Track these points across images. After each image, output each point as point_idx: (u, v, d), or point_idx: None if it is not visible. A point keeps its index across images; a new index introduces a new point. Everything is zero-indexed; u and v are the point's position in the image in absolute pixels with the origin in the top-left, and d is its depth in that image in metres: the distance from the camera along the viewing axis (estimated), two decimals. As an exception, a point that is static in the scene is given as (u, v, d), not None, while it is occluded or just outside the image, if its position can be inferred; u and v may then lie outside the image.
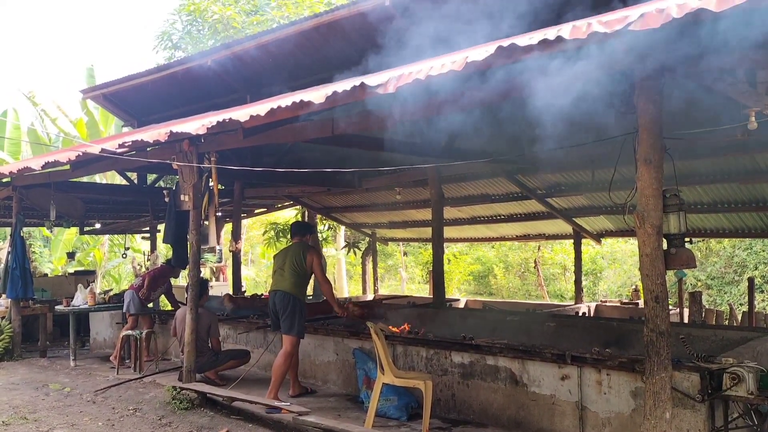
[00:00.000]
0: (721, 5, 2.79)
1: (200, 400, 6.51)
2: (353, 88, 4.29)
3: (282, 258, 6.79)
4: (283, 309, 6.52)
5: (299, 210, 14.86)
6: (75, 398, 7.02)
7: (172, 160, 6.86)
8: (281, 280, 6.64)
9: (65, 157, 7.34)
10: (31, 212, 10.80)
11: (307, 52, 7.17)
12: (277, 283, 6.68)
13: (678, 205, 4.07)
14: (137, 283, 8.90)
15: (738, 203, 8.86)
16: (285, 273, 6.64)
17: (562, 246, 19.44)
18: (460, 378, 5.89)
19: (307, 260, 6.67)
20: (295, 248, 6.82)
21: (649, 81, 3.81)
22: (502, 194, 10.97)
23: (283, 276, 6.63)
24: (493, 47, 3.58)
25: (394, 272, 23.81)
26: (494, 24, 4.86)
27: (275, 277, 6.76)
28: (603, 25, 3.16)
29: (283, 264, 6.69)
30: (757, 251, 15.94)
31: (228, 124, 5.46)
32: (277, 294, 6.60)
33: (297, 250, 6.77)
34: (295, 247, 6.85)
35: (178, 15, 16.41)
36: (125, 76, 9.25)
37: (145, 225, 13.11)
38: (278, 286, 6.63)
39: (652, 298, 3.85)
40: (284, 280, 6.61)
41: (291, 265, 6.63)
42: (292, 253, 6.75)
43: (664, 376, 3.81)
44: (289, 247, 6.97)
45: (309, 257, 6.68)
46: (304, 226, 7.64)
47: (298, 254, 6.70)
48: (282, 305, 6.53)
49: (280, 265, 6.74)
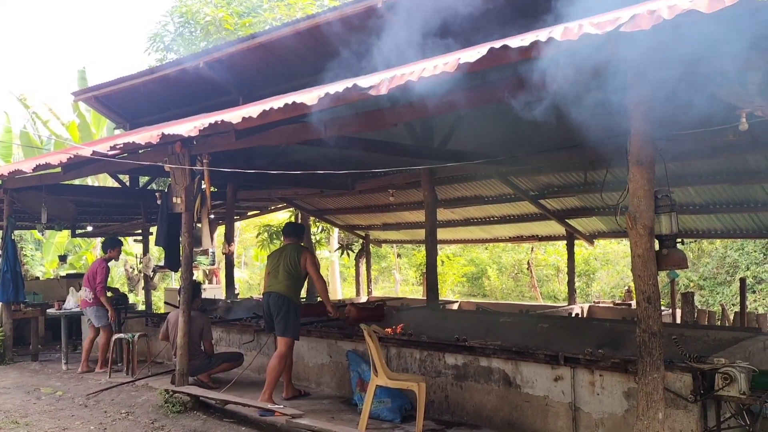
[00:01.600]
0: (711, 7, 2.80)
1: (193, 403, 6.48)
2: (346, 89, 4.29)
3: (276, 259, 6.76)
4: (277, 311, 6.50)
5: (292, 212, 14.85)
6: (67, 402, 6.97)
7: (164, 163, 6.84)
8: (275, 281, 6.62)
9: (57, 159, 7.30)
10: (22, 215, 10.74)
11: (300, 53, 7.16)
12: (271, 285, 6.66)
13: (670, 206, 4.09)
14: (89, 297, 8.60)
15: (730, 204, 8.89)
16: (279, 275, 6.62)
17: (555, 247, 19.47)
18: (454, 379, 5.89)
19: (302, 261, 6.66)
20: (289, 250, 6.79)
21: (640, 82, 3.82)
22: (495, 196, 10.99)
23: (277, 278, 6.62)
24: (485, 49, 3.59)
25: (387, 274, 23.80)
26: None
27: (269, 279, 6.74)
28: (594, 27, 3.17)
29: (277, 265, 6.67)
30: (749, 252, 16.01)
31: (220, 126, 5.45)
32: (271, 296, 6.58)
33: (291, 251, 6.75)
34: (289, 248, 6.83)
35: (170, 17, 16.37)
36: (117, 79, 9.21)
37: (137, 228, 13.05)
38: (272, 287, 6.61)
39: (645, 298, 3.85)
40: (278, 281, 6.59)
41: (285, 266, 6.62)
42: (287, 254, 6.72)
43: (657, 376, 3.82)
44: (283, 249, 6.93)
45: (303, 258, 6.68)
46: (298, 227, 7.62)
47: (293, 256, 6.68)
48: (276, 307, 6.51)
49: (274, 266, 6.71)
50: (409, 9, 5.65)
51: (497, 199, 11.02)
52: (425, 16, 5.33)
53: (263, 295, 6.78)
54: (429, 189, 9.25)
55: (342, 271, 21.94)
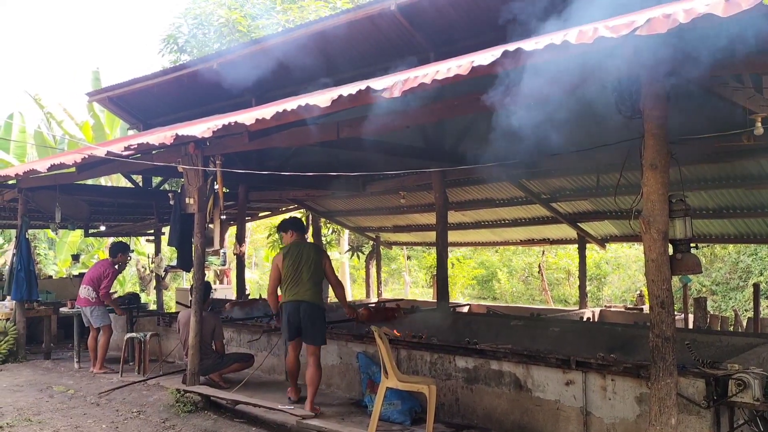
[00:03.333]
0: (728, 10, 2.79)
1: (204, 403, 6.51)
2: (359, 92, 4.30)
3: (295, 262, 6.38)
4: (311, 321, 6.24)
5: (303, 213, 14.88)
6: (79, 400, 7.02)
7: (177, 163, 6.88)
8: (302, 289, 6.31)
9: (71, 159, 7.36)
10: (36, 214, 10.83)
11: (313, 55, 7.18)
12: (298, 293, 6.32)
13: (684, 211, 4.07)
14: (91, 296, 8.51)
15: (743, 209, 8.83)
16: (304, 281, 6.31)
17: (567, 251, 19.41)
18: (464, 382, 5.88)
19: (326, 267, 6.45)
20: (307, 251, 6.47)
21: (655, 86, 3.80)
22: (507, 198, 10.97)
23: (303, 284, 6.31)
24: (499, 51, 3.58)
25: (397, 276, 23.79)
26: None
27: (292, 285, 6.35)
28: (609, 30, 3.15)
29: (299, 270, 6.34)
30: (762, 257, 15.88)
31: (234, 128, 5.47)
32: (302, 305, 6.27)
33: (311, 253, 6.44)
34: (306, 250, 6.50)
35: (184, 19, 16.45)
36: (131, 80, 9.28)
37: (149, 228, 13.13)
38: (300, 296, 6.30)
39: (658, 303, 3.83)
40: (306, 289, 6.29)
41: (310, 271, 6.33)
42: (307, 257, 6.39)
43: (670, 381, 3.79)
44: (299, 250, 6.48)
45: (325, 262, 6.48)
46: (298, 220, 7.21)
47: (316, 260, 6.40)
48: (310, 318, 6.24)
49: (294, 270, 6.35)
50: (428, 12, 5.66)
51: (508, 201, 11.00)
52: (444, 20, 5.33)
53: (290, 303, 6.36)
54: (440, 191, 9.24)
55: (352, 272, 21.96)
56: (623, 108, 4.07)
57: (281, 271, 6.46)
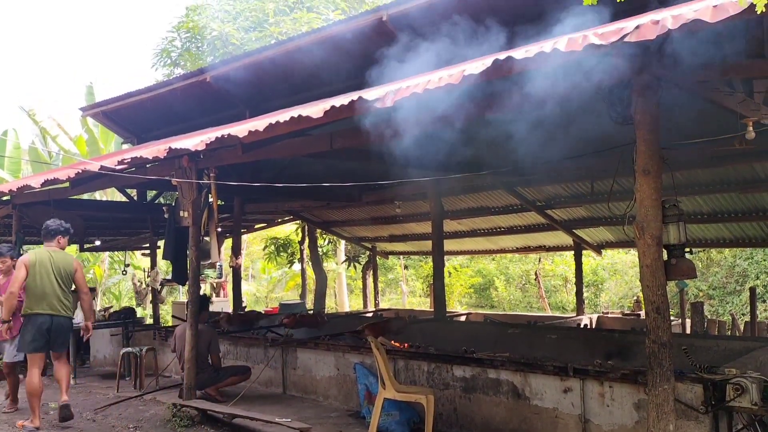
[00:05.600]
0: (716, 16, 2.80)
1: (201, 417, 6.46)
2: (351, 102, 4.31)
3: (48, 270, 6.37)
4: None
5: (299, 224, 14.86)
6: (75, 417, 6.95)
7: (171, 177, 6.87)
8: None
9: (65, 174, 7.35)
10: (30, 230, 10.78)
11: (306, 67, 7.20)
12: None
13: (677, 216, 4.07)
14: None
15: (738, 213, 8.85)
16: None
17: (563, 258, 19.41)
18: (462, 392, 5.85)
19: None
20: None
21: (646, 92, 3.81)
22: (502, 206, 10.98)
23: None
24: (489, 60, 3.59)
25: (394, 286, 23.76)
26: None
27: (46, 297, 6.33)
28: (599, 37, 3.17)
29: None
30: (759, 261, 15.90)
31: (227, 140, 5.47)
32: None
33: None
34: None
35: (176, 32, 16.50)
36: (124, 94, 9.29)
37: (145, 241, 13.10)
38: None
39: (654, 309, 3.83)
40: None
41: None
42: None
43: (667, 387, 3.78)
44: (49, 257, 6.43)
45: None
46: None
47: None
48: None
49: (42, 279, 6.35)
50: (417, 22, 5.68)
51: (504, 209, 11.01)
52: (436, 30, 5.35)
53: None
54: (435, 200, 9.24)
55: (349, 283, 21.92)
56: (614, 114, 4.08)
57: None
